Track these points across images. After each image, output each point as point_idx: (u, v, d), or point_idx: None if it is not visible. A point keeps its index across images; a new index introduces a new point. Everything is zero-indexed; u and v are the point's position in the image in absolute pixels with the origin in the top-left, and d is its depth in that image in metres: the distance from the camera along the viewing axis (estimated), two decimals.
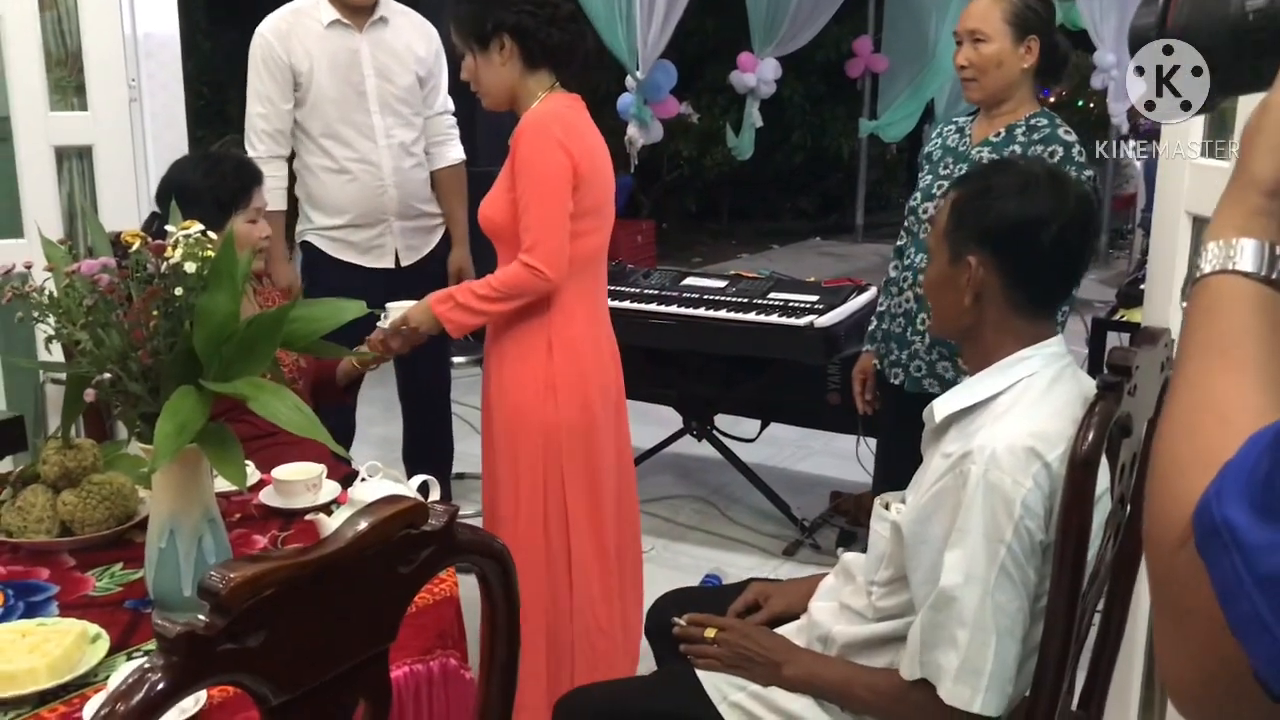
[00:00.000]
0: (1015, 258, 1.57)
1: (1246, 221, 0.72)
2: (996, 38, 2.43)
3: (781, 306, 3.60)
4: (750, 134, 8.51)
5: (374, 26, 3.19)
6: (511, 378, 2.35)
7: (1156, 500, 0.67)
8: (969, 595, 1.49)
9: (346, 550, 0.99)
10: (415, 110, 3.26)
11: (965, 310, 1.60)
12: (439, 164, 3.36)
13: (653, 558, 3.59)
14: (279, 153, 3.18)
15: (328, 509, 1.89)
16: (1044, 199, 1.59)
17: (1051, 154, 2.41)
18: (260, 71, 3.14)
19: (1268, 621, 0.55)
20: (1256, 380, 0.67)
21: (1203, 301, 0.72)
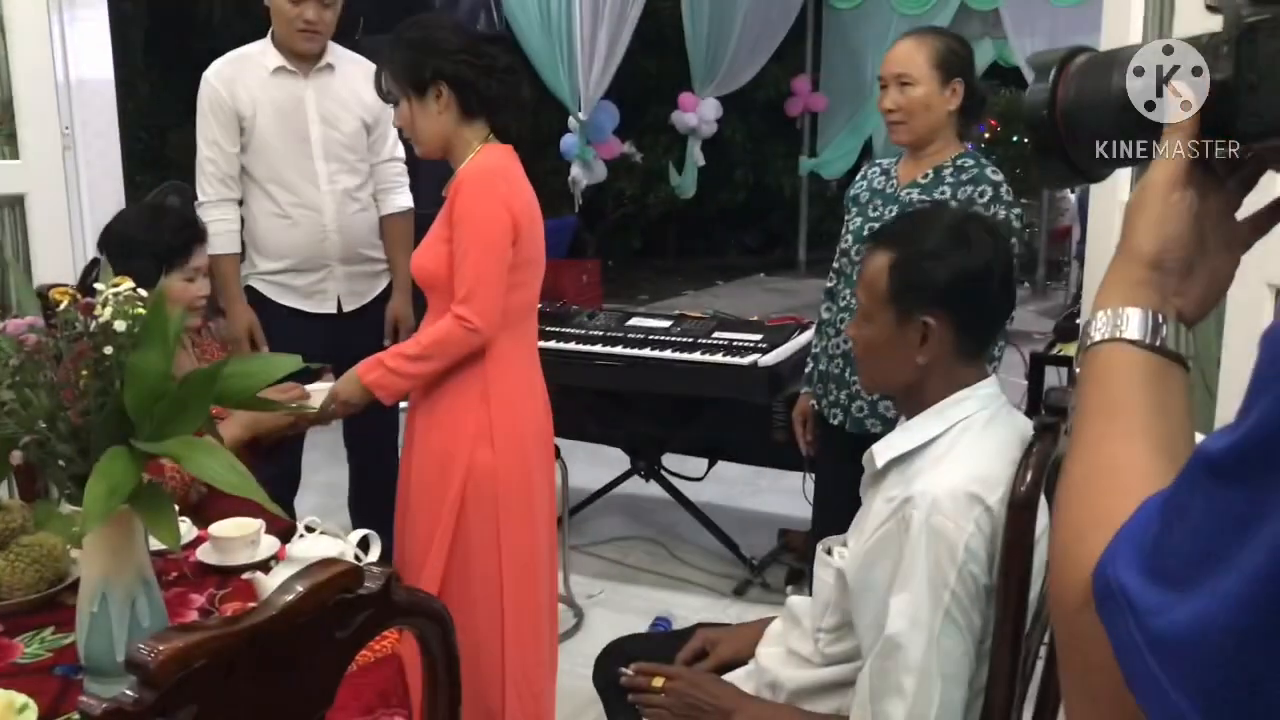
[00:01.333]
0: (969, 311, 1.59)
1: (1131, 292, 0.75)
2: (923, 81, 2.47)
3: (726, 345, 3.61)
4: (693, 172, 8.61)
5: (320, 73, 3.18)
6: (441, 422, 2.32)
7: (1058, 564, 0.69)
8: (915, 641, 1.49)
9: (279, 618, 0.97)
10: (361, 157, 3.25)
11: (915, 367, 1.61)
12: (386, 210, 3.35)
13: (601, 601, 3.57)
14: (228, 196, 3.17)
15: (266, 566, 1.85)
16: (982, 248, 1.61)
17: (981, 193, 2.45)
18: (207, 116, 3.14)
19: (1161, 680, 0.57)
20: (1145, 444, 0.69)
21: (1093, 369, 0.75)
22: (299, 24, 3.07)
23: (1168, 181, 0.76)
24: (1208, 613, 0.56)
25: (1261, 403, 0.55)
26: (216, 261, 3.20)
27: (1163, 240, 0.76)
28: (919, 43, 2.50)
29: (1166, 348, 0.74)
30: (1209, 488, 0.58)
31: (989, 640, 1.53)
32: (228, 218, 3.17)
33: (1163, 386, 0.73)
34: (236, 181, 3.17)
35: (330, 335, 3.21)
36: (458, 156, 2.31)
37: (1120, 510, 0.64)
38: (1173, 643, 0.57)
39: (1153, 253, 0.76)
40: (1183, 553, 0.58)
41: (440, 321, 2.25)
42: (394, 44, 2.32)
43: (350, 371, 2.35)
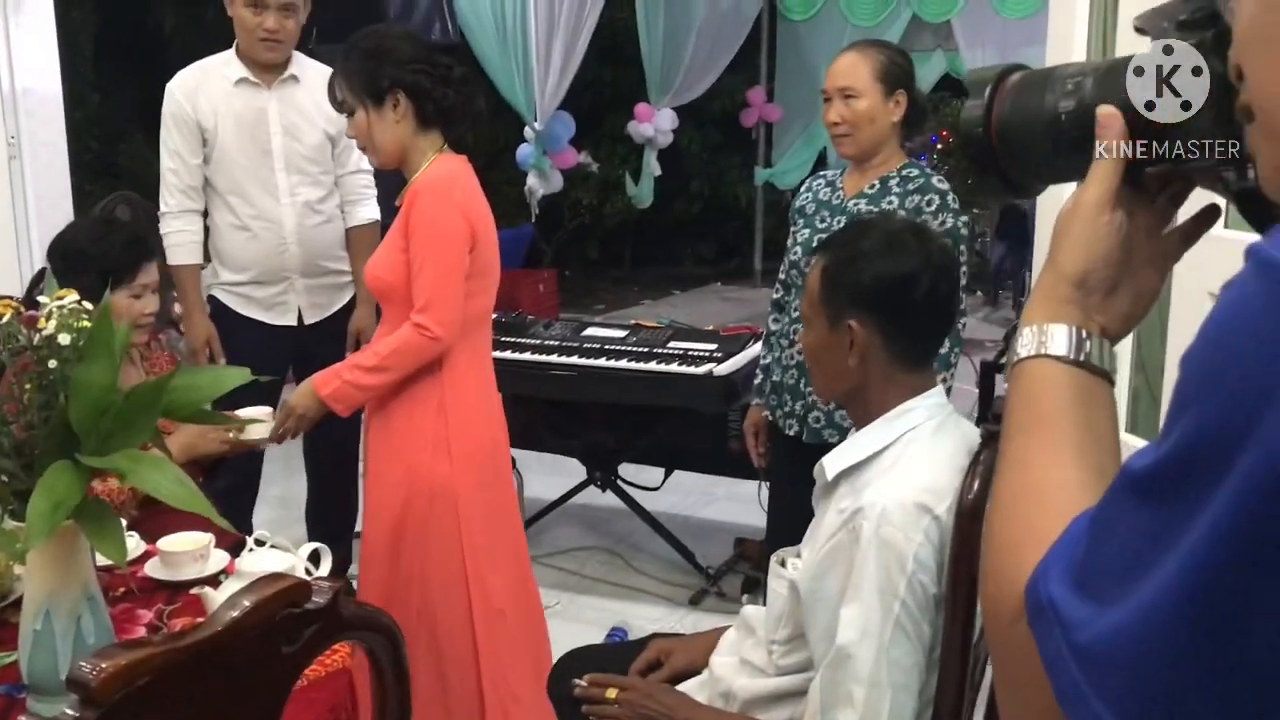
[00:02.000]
0: (892, 315, 1.61)
1: (1057, 309, 0.76)
2: (867, 94, 2.50)
3: (681, 355, 3.63)
4: (649, 182, 8.62)
5: (283, 84, 3.17)
6: (400, 436, 2.31)
7: (991, 580, 0.70)
8: (865, 652, 1.50)
9: (224, 634, 0.96)
10: (324, 169, 3.24)
11: (850, 372, 1.63)
12: (351, 222, 3.34)
13: (558, 612, 3.56)
14: (190, 207, 3.17)
15: (215, 580, 1.83)
16: (910, 255, 1.62)
17: (928, 202, 2.49)
18: (170, 127, 3.14)
19: (1086, 692, 0.59)
20: (1072, 460, 0.71)
21: (1020, 385, 0.76)
22: (260, 33, 3.06)
23: (1097, 203, 0.77)
24: (1127, 625, 0.57)
25: (1179, 425, 0.57)
26: (177, 272, 3.21)
27: (1089, 260, 0.78)
28: (861, 56, 2.54)
29: (1090, 363, 0.76)
30: (1132, 505, 0.60)
31: (939, 649, 1.55)
32: (189, 229, 3.16)
33: (1088, 401, 0.74)
34: (199, 192, 3.16)
35: (292, 347, 3.20)
36: (412, 166, 2.31)
37: (1049, 527, 0.66)
38: (1096, 655, 0.59)
39: (1078, 272, 0.77)
40: (1108, 568, 0.60)
41: (399, 331, 2.24)
42: (349, 53, 2.31)
43: (306, 383, 2.34)
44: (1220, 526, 0.54)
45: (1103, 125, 0.77)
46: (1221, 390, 0.55)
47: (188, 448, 2.29)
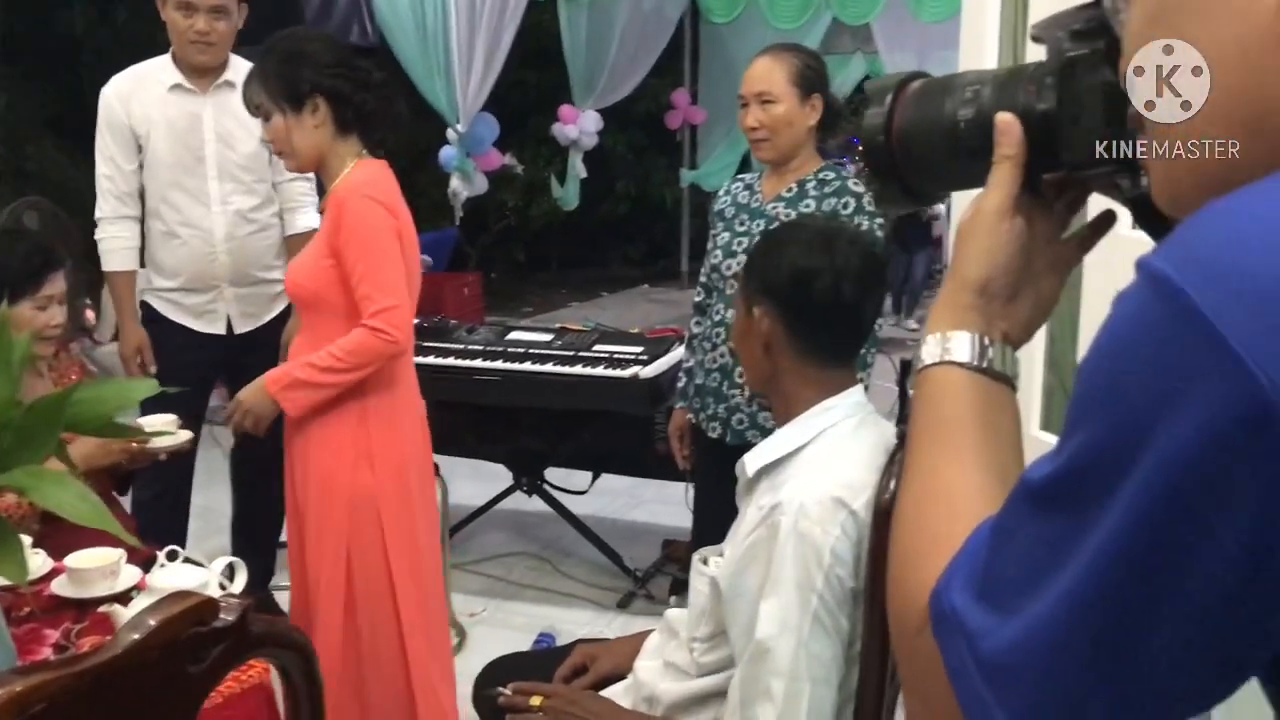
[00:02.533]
0: (794, 309, 1.62)
1: (960, 316, 0.77)
2: (783, 99, 2.52)
3: (607, 358, 3.62)
4: (575, 184, 8.61)
5: (219, 90, 3.12)
6: (320, 446, 2.28)
7: (896, 589, 0.71)
8: (783, 645, 1.51)
9: (125, 656, 0.94)
10: (258, 177, 3.18)
11: (761, 360, 1.65)
12: (290, 230, 3.29)
13: (484, 619, 3.54)
14: (125, 213, 3.13)
15: (126, 597, 1.78)
16: (817, 252, 1.64)
17: (844, 205, 2.52)
18: (104, 133, 3.10)
19: (988, 701, 0.59)
20: (976, 465, 0.72)
21: (925, 391, 0.77)
22: (191, 35, 3.02)
23: (997, 210, 0.78)
24: (1027, 635, 0.58)
25: (1076, 437, 0.58)
26: (111, 278, 3.20)
27: (990, 267, 0.78)
28: (776, 61, 2.56)
29: (993, 369, 0.76)
30: (1030, 515, 0.61)
31: (858, 644, 1.56)
32: (123, 235, 3.13)
33: (990, 406, 0.75)
34: (134, 199, 3.13)
35: (222, 355, 3.17)
36: (332, 172, 2.28)
37: (953, 535, 0.66)
38: (998, 664, 0.59)
39: (979, 279, 0.78)
40: (1009, 577, 0.61)
41: (353, 333, 2.20)
42: (267, 56, 2.28)
43: (257, 382, 2.31)
44: (1117, 537, 0.54)
45: (1001, 132, 0.77)
46: (1115, 403, 0.56)
47: (85, 459, 2.23)
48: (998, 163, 0.78)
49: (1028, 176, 0.78)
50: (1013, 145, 0.77)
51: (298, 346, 2.33)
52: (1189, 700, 0.58)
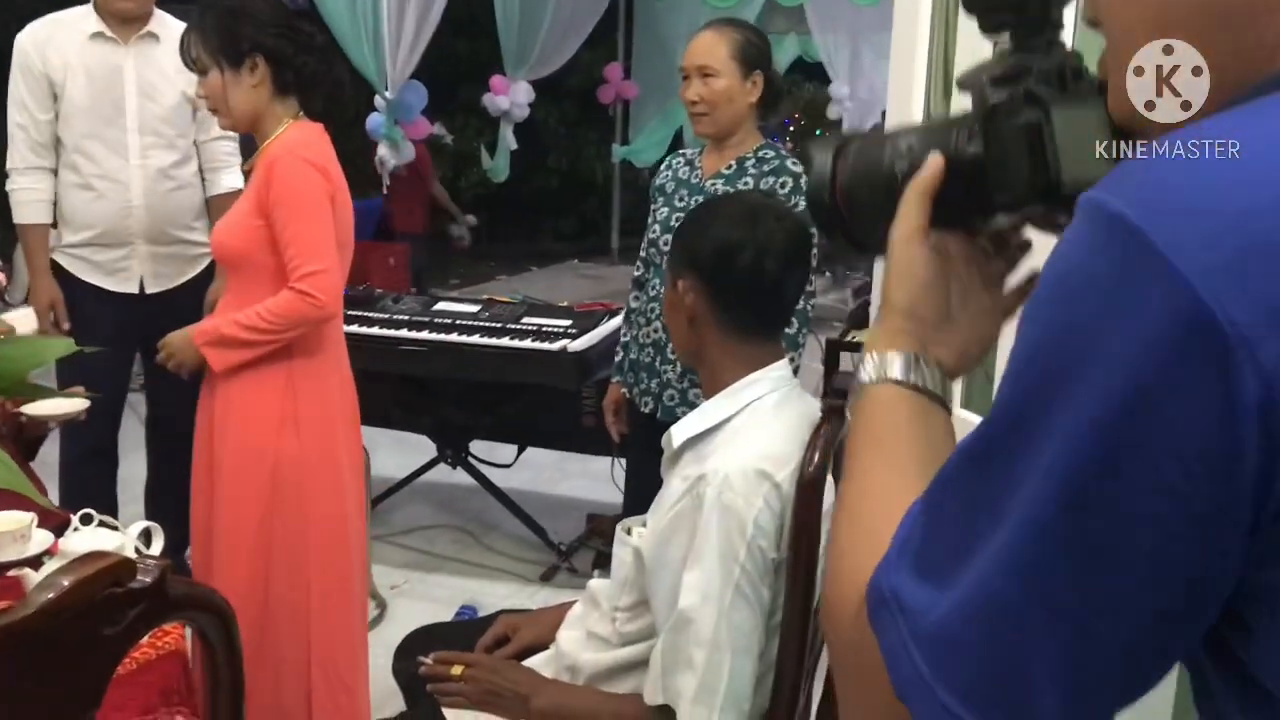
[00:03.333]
0: (716, 282, 1.63)
1: (892, 338, 0.80)
2: (725, 74, 2.52)
3: (535, 331, 3.61)
4: (505, 156, 8.53)
5: (142, 41, 3.04)
6: (243, 410, 2.24)
7: (832, 581, 0.72)
8: (705, 615, 1.53)
9: (38, 615, 0.92)
10: (180, 132, 3.12)
11: (687, 333, 1.66)
12: (212, 191, 3.22)
13: (406, 591, 3.52)
14: (38, 164, 3.04)
15: (36, 562, 1.74)
16: (742, 227, 1.64)
17: (782, 184, 2.53)
18: (18, 80, 3.01)
19: (928, 680, 0.59)
20: (910, 469, 0.73)
21: (864, 406, 0.79)
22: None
23: (904, 238, 0.81)
24: (965, 600, 0.58)
25: (1009, 383, 0.58)
26: (24, 232, 3.11)
27: (911, 291, 0.81)
28: (719, 35, 2.55)
29: (926, 388, 0.79)
30: (962, 480, 0.61)
31: (779, 615, 1.58)
32: (38, 187, 3.05)
33: (927, 422, 0.77)
34: (49, 149, 3.04)
35: (132, 316, 3.09)
36: (265, 132, 2.24)
37: (889, 529, 0.66)
38: (937, 637, 0.59)
39: (904, 304, 0.81)
40: (945, 547, 0.61)
41: (280, 295, 2.17)
42: (207, 11, 2.23)
43: (184, 331, 2.27)
44: (1051, 478, 0.54)
45: (924, 167, 0.81)
46: (1048, 338, 0.56)
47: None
48: (905, 194, 0.81)
49: (959, 216, 0.81)
50: (924, 179, 0.80)
51: (224, 306, 2.29)
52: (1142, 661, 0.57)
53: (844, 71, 8.89)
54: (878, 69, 8.83)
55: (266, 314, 2.17)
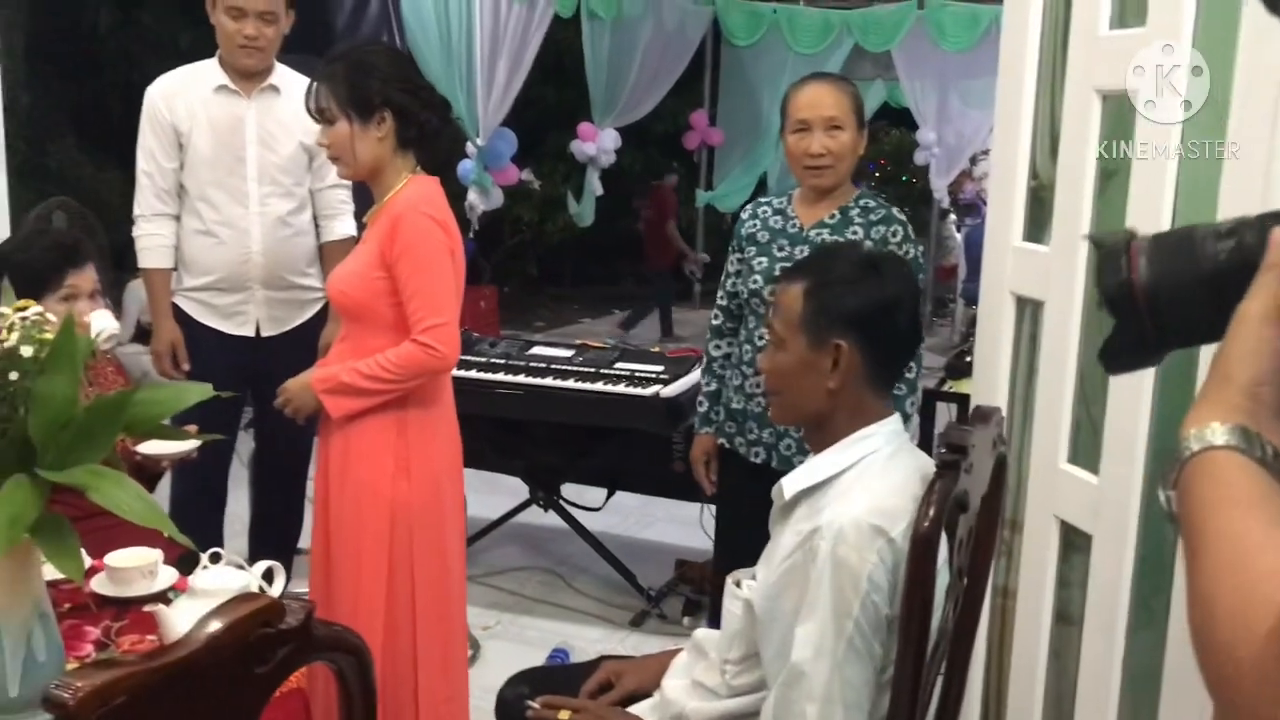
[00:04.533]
0: (877, 338, 1.65)
1: (1227, 412, 0.77)
2: (849, 127, 2.52)
3: (628, 376, 3.64)
4: (591, 202, 8.64)
5: (263, 94, 3.17)
6: (360, 453, 2.29)
7: (1227, 621, 0.68)
8: (818, 670, 1.53)
9: (200, 653, 0.96)
10: (297, 181, 3.23)
11: (827, 394, 1.66)
12: (326, 237, 3.33)
13: (498, 633, 3.55)
14: (162, 211, 3.17)
15: (164, 597, 1.80)
16: (893, 281, 1.68)
17: (893, 233, 2.53)
18: (146, 130, 3.15)
19: None
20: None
21: (1202, 471, 0.75)
22: (239, 39, 3.07)
23: (1259, 316, 0.77)
24: None
25: None
26: (147, 275, 3.24)
27: (1255, 370, 0.77)
28: (839, 89, 2.55)
29: (1269, 461, 0.74)
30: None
31: (890, 670, 1.57)
32: (161, 233, 3.18)
33: (1276, 489, 0.73)
34: (173, 197, 3.17)
35: (247, 358, 3.19)
36: (385, 184, 2.31)
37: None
38: None
39: (1246, 381, 0.77)
40: None
41: (402, 347, 2.23)
42: (336, 64, 2.30)
43: (303, 378, 2.34)
44: None
45: (1272, 245, 0.78)
46: None
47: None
48: (1262, 271, 0.78)
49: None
50: (1277, 253, 0.77)
51: (340, 353, 2.34)
52: None
53: (931, 118, 8.86)
54: (965, 116, 8.80)
55: (389, 364, 2.22)
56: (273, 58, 3.17)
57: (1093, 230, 2.02)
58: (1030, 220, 2.29)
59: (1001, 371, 2.31)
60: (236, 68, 3.13)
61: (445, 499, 2.37)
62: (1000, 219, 2.30)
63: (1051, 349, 2.13)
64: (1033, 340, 2.28)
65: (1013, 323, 2.30)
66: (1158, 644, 1.85)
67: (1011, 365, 2.32)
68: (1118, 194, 2.01)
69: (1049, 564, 2.17)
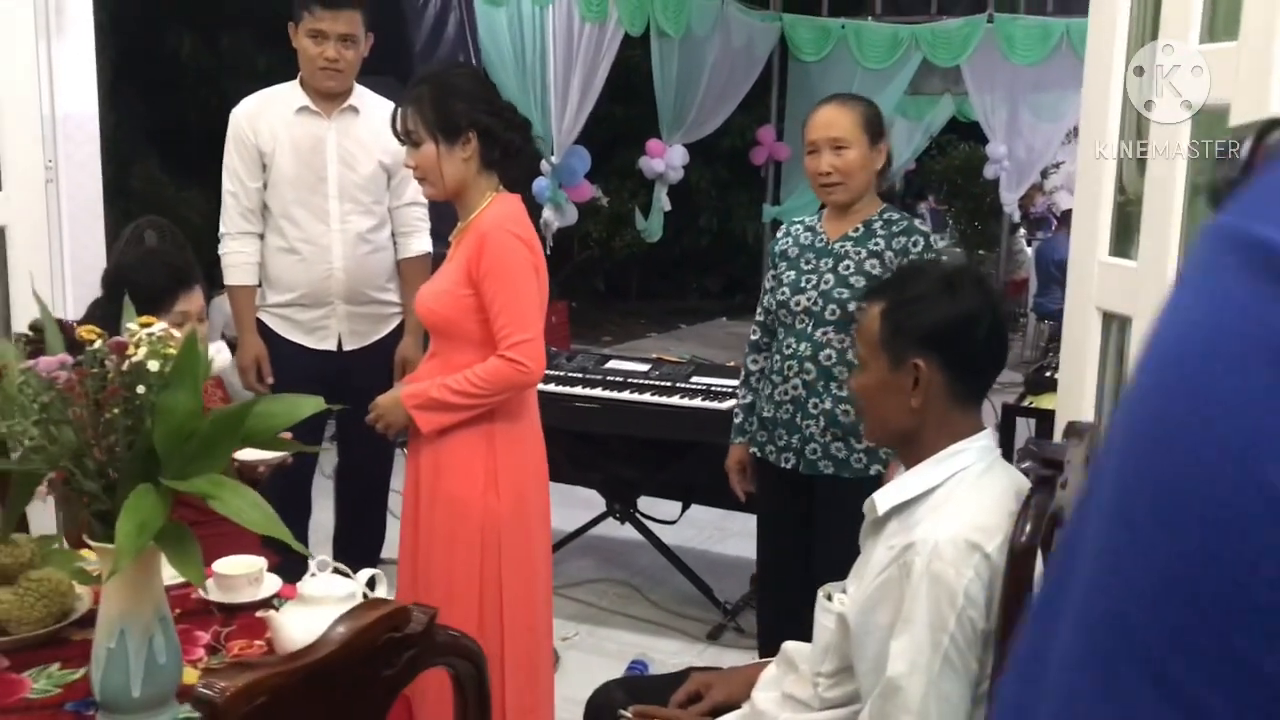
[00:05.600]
0: (957, 355, 1.66)
1: None
2: (856, 144, 2.59)
3: (704, 390, 3.67)
4: (659, 217, 8.69)
5: (343, 114, 3.25)
6: (451, 466, 2.35)
7: None
8: (914, 684, 1.54)
9: (334, 655, 1.00)
10: (376, 199, 3.30)
11: (911, 412, 1.67)
12: (403, 254, 3.40)
13: (576, 643, 3.59)
14: (247, 229, 3.26)
15: (271, 604, 1.86)
16: (971, 297, 1.69)
17: (914, 243, 2.61)
18: (231, 151, 3.25)
19: None
20: None
21: None
22: (320, 62, 3.15)
23: None
24: None
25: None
26: (233, 292, 3.33)
27: None
28: (845, 107, 2.64)
29: None
30: None
31: (985, 684, 1.58)
32: (245, 250, 3.27)
33: None
34: (257, 215, 3.26)
35: (330, 371, 3.27)
36: (470, 204, 2.37)
37: None
38: None
39: None
40: None
41: (489, 361, 2.28)
42: (422, 86, 2.36)
43: (393, 393, 2.41)
44: None
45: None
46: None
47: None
48: None
49: None
50: None
51: (428, 369, 2.40)
52: None
53: (1001, 132, 8.78)
54: (1036, 129, 8.71)
55: (477, 379, 2.27)
56: (353, 80, 3.25)
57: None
58: (1116, 235, 2.28)
59: (1087, 387, 2.30)
60: (318, 89, 3.21)
61: (532, 511, 2.42)
62: (1085, 234, 2.30)
63: None
64: (1120, 356, 2.27)
65: (1099, 338, 2.29)
66: None
67: (1098, 381, 2.32)
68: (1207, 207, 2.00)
69: None
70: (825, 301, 2.62)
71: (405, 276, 3.38)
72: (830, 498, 2.60)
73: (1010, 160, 8.96)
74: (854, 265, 2.62)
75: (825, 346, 2.61)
